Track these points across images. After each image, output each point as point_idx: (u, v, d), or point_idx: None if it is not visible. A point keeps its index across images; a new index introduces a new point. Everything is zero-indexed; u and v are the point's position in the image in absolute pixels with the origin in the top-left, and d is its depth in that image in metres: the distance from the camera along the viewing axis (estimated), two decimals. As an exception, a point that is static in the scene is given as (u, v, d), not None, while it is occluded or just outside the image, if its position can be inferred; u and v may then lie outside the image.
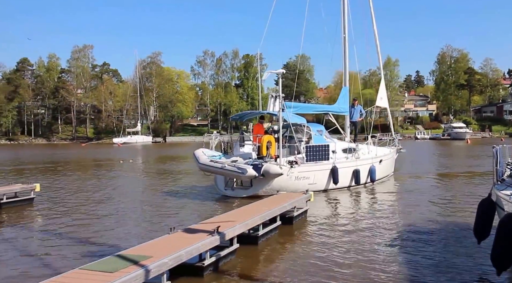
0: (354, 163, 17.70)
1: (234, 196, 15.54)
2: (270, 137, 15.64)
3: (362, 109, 21.19)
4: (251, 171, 14.44)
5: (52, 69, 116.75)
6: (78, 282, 5.57)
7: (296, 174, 15.40)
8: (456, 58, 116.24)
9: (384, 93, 22.95)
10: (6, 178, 23.43)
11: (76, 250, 9.18)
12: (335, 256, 8.45)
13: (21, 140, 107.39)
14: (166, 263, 6.37)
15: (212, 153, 16.44)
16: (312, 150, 16.20)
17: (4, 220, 12.65)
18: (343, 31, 20.82)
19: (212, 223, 8.51)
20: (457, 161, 34.37)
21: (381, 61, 23.45)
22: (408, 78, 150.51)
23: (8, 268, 8.02)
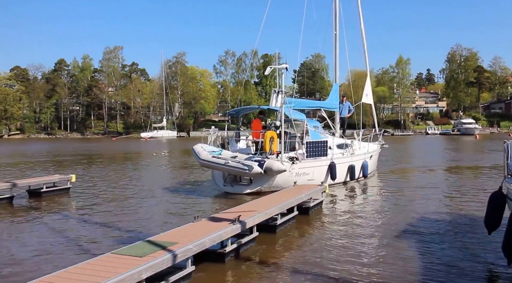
0: (350, 159, 17.12)
1: (234, 192, 14.56)
2: (273, 133, 14.66)
3: (350, 105, 20.54)
4: (257, 168, 13.54)
5: (86, 69, 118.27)
6: (110, 265, 5.65)
7: (296, 170, 14.54)
8: (465, 57, 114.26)
9: (370, 90, 22.19)
10: (45, 169, 23.85)
11: (108, 236, 9.33)
12: (350, 245, 8.41)
13: (58, 135, 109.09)
14: (190, 249, 6.43)
15: (211, 149, 15.38)
16: (311, 146, 15.39)
17: (44, 207, 12.90)
18: (334, 28, 19.99)
19: (234, 213, 8.57)
20: (466, 155, 33.84)
21: (367, 59, 22.46)
22: (420, 76, 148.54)
23: (47, 251, 8.20)
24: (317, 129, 17.26)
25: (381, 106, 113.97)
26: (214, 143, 16.27)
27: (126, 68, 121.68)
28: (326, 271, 6.92)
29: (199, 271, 6.80)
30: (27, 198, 14.29)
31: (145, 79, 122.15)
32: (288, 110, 15.02)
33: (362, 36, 21.62)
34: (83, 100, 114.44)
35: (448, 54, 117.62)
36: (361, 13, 21.30)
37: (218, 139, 16.73)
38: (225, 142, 16.71)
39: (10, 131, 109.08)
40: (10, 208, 12.91)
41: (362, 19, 21.36)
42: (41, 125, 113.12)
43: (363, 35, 21.57)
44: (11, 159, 34.88)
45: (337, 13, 19.91)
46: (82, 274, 5.35)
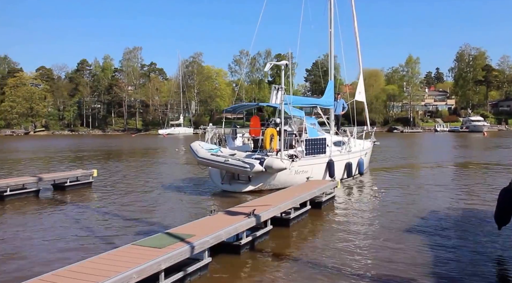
0: (347, 156, 16.48)
1: (232, 190, 13.88)
2: (273, 130, 14.02)
3: (344, 103, 19.85)
4: (258, 166, 12.86)
5: (107, 68, 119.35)
6: (131, 256, 5.69)
7: (296, 168, 13.94)
8: (474, 56, 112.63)
9: (362, 88, 21.18)
10: (69, 164, 24.14)
11: (128, 228, 9.40)
12: (361, 239, 8.36)
13: (81, 131, 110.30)
14: (207, 241, 6.45)
15: (209, 146, 14.62)
16: (310, 144, 14.73)
17: (68, 200, 13.06)
18: (329, 25, 19.17)
19: (248, 207, 8.57)
20: (475, 152, 33.36)
21: (360, 57, 21.41)
22: (429, 75, 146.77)
23: (71, 241, 8.30)
24: (314, 126, 16.67)
25: (391, 104, 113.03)
26: (211, 140, 15.56)
27: (145, 68, 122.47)
28: (338, 264, 6.89)
29: (216, 263, 6.81)
30: (52, 191, 14.48)
31: (163, 78, 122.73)
32: (288, 107, 14.39)
33: (356, 34, 20.80)
34: (104, 99, 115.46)
35: (457, 53, 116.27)
36: (355, 11, 20.55)
37: (215, 137, 15.94)
38: (222, 139, 16.00)
39: (36, 128, 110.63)
40: (37, 200, 13.09)
41: (356, 17, 20.59)
42: (64, 122, 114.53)
43: (356, 33, 20.77)
44: (37, 154, 35.37)
45: (331, 10, 19.22)
46: (105, 264, 5.40)
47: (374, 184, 16.03)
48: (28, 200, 13.04)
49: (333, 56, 19.93)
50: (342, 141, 17.14)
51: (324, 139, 15.38)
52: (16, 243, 8.27)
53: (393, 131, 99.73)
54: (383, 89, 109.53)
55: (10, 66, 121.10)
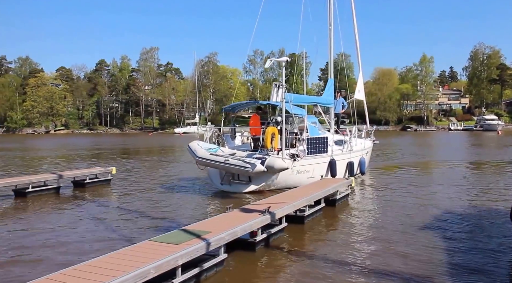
0: (348, 155, 15.96)
1: (232, 191, 13.28)
2: (274, 129, 13.41)
3: (344, 101, 19.27)
4: (260, 166, 12.32)
5: (124, 68, 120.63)
6: (148, 251, 5.71)
7: (297, 168, 13.40)
8: (488, 55, 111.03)
9: (362, 86, 20.42)
10: (88, 162, 24.42)
11: (146, 224, 9.45)
12: (375, 237, 8.27)
13: (99, 130, 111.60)
14: (223, 237, 6.45)
15: (208, 146, 14.02)
16: (312, 143, 14.18)
17: (87, 197, 13.19)
18: (329, 23, 18.51)
19: (264, 204, 8.54)
20: (489, 151, 32.86)
21: (359, 56, 20.66)
22: (443, 74, 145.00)
23: (90, 237, 8.37)
24: (315, 125, 16.06)
25: (404, 103, 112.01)
26: (210, 140, 15.00)
27: (161, 68, 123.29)
28: (352, 262, 6.84)
29: (231, 259, 6.81)
30: (72, 188, 14.64)
31: (179, 78, 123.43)
32: (289, 105, 13.74)
33: (355, 32, 20.13)
34: (122, 98, 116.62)
35: (471, 52, 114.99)
36: (354, 9, 19.90)
37: (214, 136, 15.30)
38: (221, 139, 15.33)
39: (56, 126, 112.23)
40: (57, 197, 13.26)
41: (355, 15, 19.95)
42: (83, 121, 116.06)
43: (355, 31, 20.09)
44: (57, 152, 35.88)
45: (331, 7, 18.56)
46: (123, 259, 5.43)
47: (388, 182, 15.85)
48: (49, 196, 13.21)
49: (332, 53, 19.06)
50: (343, 140, 16.63)
51: (326, 138, 14.91)
52: (37, 239, 8.38)
53: (406, 130, 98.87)
54: (396, 88, 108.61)
55: (31, 66, 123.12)
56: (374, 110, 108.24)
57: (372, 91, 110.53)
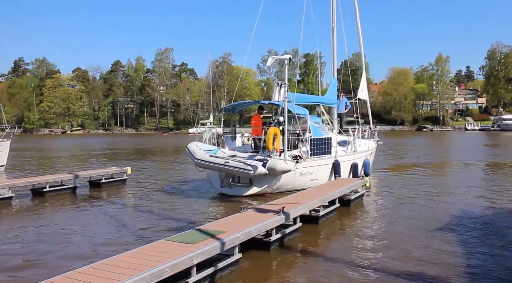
0: (353, 157, 15.24)
1: (233, 194, 12.75)
2: (276, 129, 12.77)
3: (347, 101, 18.48)
4: (262, 168, 11.83)
5: (139, 69, 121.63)
6: (164, 251, 5.76)
7: (300, 170, 12.79)
8: (506, 54, 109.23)
9: (365, 86, 19.70)
10: (104, 162, 24.68)
11: (161, 224, 9.52)
12: (390, 238, 8.18)
13: (115, 130, 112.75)
14: (238, 237, 6.47)
15: (207, 147, 13.57)
16: (315, 144, 13.56)
17: (103, 197, 13.33)
18: (332, 21, 17.85)
19: (278, 204, 8.54)
20: (507, 151, 32.33)
21: (362, 55, 20.13)
22: (459, 73, 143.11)
23: (105, 237, 8.47)
24: (318, 125, 15.37)
25: (420, 103, 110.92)
26: (209, 141, 14.48)
27: (176, 68, 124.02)
28: (366, 263, 6.78)
29: (246, 259, 6.82)
30: (88, 188, 14.80)
31: (193, 78, 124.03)
32: (292, 105, 13.11)
33: (358, 30, 19.31)
34: (137, 98, 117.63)
35: (488, 51, 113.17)
36: (357, 6, 19.15)
37: (213, 137, 14.66)
38: (221, 140, 14.66)
39: (72, 127, 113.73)
40: (74, 197, 13.43)
41: (358, 12, 19.20)
42: (99, 121, 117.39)
43: (359, 28, 19.28)
44: (73, 152, 36.37)
45: (334, 5, 17.94)
46: (138, 258, 5.48)
47: (403, 182, 15.69)
48: (65, 196, 13.38)
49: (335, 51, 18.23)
50: (347, 140, 16.00)
51: (330, 138, 14.34)
52: (54, 237, 8.50)
53: (422, 130, 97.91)
54: (412, 88, 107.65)
55: (48, 68, 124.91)
56: (389, 110, 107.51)
57: (387, 91, 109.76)
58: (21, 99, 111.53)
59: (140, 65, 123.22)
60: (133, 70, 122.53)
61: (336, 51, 18.18)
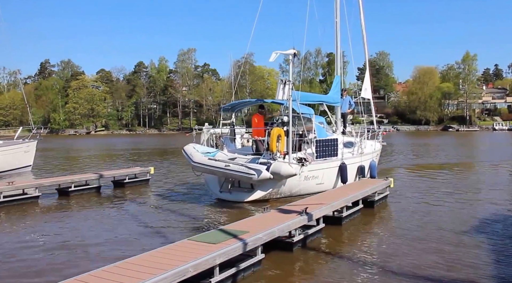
0: (359, 159, 14.37)
1: (233, 200, 11.96)
2: (280, 130, 11.73)
3: (351, 100, 17.52)
4: (266, 173, 11.01)
5: (162, 70, 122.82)
6: (187, 250, 5.80)
7: (306, 174, 11.99)
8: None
9: (369, 84, 18.62)
10: (127, 162, 25.03)
11: (184, 223, 9.61)
12: (414, 239, 8.07)
13: (138, 131, 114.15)
14: (261, 238, 6.47)
15: (205, 149, 12.83)
16: (321, 145, 12.76)
17: (126, 196, 13.52)
18: (335, 15, 16.96)
19: (301, 205, 8.51)
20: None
21: (366, 51, 19.08)
22: (487, 72, 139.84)
23: (129, 235, 8.58)
24: (323, 125, 14.49)
25: (445, 102, 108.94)
26: (207, 142, 13.75)
27: (198, 69, 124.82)
28: (390, 264, 6.70)
29: (269, 259, 6.81)
30: (112, 187, 15.04)
31: (216, 79, 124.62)
32: (296, 104, 12.29)
33: (362, 27, 18.56)
34: (160, 99, 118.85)
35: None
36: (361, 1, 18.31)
37: (212, 138, 13.91)
38: (220, 141, 13.91)
39: (96, 127, 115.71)
40: (98, 196, 13.67)
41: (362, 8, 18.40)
42: (122, 122, 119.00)
43: (362, 25, 18.52)
44: (98, 152, 37.02)
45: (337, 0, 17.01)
46: (162, 257, 5.54)
47: (427, 183, 15.42)
48: (90, 195, 13.63)
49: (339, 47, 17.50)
50: (352, 142, 15.08)
51: (336, 140, 13.56)
52: (79, 236, 8.66)
53: (448, 130, 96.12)
54: (437, 87, 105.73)
55: (73, 69, 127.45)
56: (414, 110, 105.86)
57: (412, 90, 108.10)
58: (47, 101, 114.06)
59: (162, 66, 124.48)
60: (156, 71, 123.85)
61: (340, 47, 17.40)
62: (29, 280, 6.21)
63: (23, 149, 20.70)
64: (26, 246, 7.97)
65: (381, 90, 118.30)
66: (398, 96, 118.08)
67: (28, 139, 21.54)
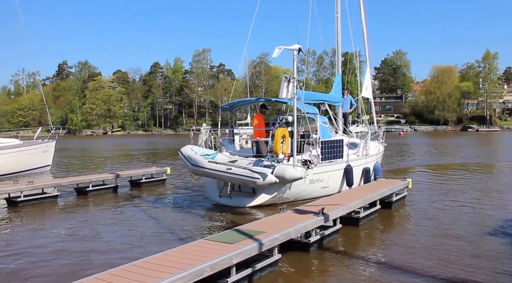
0: (364, 161, 13.75)
1: (234, 205, 11.27)
2: (285, 131, 11.09)
3: (352, 99, 16.94)
4: (272, 177, 10.34)
5: (177, 70, 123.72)
6: (204, 250, 5.84)
7: (311, 177, 11.31)
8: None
9: (369, 83, 18.04)
10: (144, 162, 25.26)
11: (200, 223, 9.68)
12: (433, 241, 7.99)
13: (154, 131, 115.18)
14: (277, 238, 6.48)
15: (203, 151, 12.12)
16: (326, 147, 12.11)
17: (143, 196, 13.64)
18: (336, 11, 16.19)
19: (317, 206, 8.50)
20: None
21: (367, 48, 18.58)
22: (508, 70, 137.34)
23: (146, 235, 8.66)
24: (326, 125, 13.74)
25: (465, 102, 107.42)
26: (205, 144, 13.00)
27: (214, 69, 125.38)
28: (407, 267, 6.63)
29: (285, 260, 6.82)
30: (129, 187, 15.22)
31: (231, 79, 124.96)
32: (301, 103, 11.68)
33: (363, 23, 17.82)
34: (175, 100, 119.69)
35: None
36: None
37: (210, 139, 13.16)
38: (218, 142, 13.15)
39: (113, 128, 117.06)
40: (115, 196, 13.84)
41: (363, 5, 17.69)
42: (138, 122, 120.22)
43: (363, 22, 17.76)
44: (115, 152, 37.45)
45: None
46: (179, 257, 5.59)
47: (446, 184, 15.23)
48: (107, 195, 13.82)
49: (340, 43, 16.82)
50: (355, 143, 14.43)
51: (342, 141, 12.94)
52: (97, 235, 8.80)
53: (467, 130, 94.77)
54: (457, 86, 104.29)
55: (90, 70, 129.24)
56: (432, 110, 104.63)
57: (430, 90, 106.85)
58: (65, 101, 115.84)
59: (178, 66, 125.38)
60: (171, 72, 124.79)
61: (340, 43, 16.67)
62: (48, 278, 6.33)
63: (42, 149, 21.07)
64: (45, 244, 8.13)
65: (399, 90, 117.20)
66: (416, 95, 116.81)
67: (47, 140, 21.90)
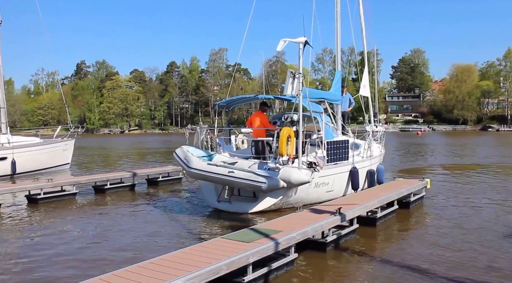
0: (369, 163, 13.12)
1: (234, 211, 10.46)
2: (291, 130, 10.22)
3: (351, 98, 16.38)
4: (280, 181, 9.62)
5: (194, 70, 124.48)
6: (221, 248, 5.87)
7: (316, 180, 10.48)
8: None
9: (367, 81, 17.16)
10: (161, 160, 25.49)
11: (217, 222, 9.70)
12: (452, 242, 7.88)
13: (170, 130, 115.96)
14: (294, 237, 6.48)
15: (200, 153, 11.19)
16: (332, 148, 11.34)
17: (160, 194, 13.78)
18: (336, 4, 15.42)
19: (334, 205, 8.46)
20: None
21: (365, 47, 17.85)
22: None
23: (163, 233, 8.75)
24: (329, 125, 12.89)
25: (485, 101, 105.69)
26: (201, 144, 11.87)
27: (230, 68, 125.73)
28: (425, 268, 6.56)
29: (301, 259, 6.82)
30: (146, 186, 15.36)
31: (247, 78, 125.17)
32: (307, 101, 11.01)
33: (361, 18, 16.81)
34: (192, 98, 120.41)
35: None
36: None
37: (206, 139, 12.04)
38: (215, 143, 12.03)
39: (130, 127, 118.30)
40: (133, 194, 13.99)
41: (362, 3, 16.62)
42: (155, 121, 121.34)
43: (361, 17, 16.78)
44: (132, 151, 37.87)
45: None
46: (196, 255, 5.63)
47: (466, 184, 15.00)
48: (125, 193, 13.98)
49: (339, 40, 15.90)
50: (357, 143, 13.89)
51: (347, 141, 12.18)
52: (115, 233, 8.91)
53: (487, 130, 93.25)
54: (476, 85, 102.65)
55: (107, 70, 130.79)
56: (451, 109, 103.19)
57: (449, 89, 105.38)
58: (83, 100, 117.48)
59: (194, 65, 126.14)
60: (187, 71, 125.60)
61: (339, 39, 15.84)
62: (66, 272, 6.43)
63: (62, 148, 21.40)
64: (63, 240, 8.27)
65: (416, 89, 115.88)
66: (434, 94, 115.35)
67: (67, 138, 22.23)
